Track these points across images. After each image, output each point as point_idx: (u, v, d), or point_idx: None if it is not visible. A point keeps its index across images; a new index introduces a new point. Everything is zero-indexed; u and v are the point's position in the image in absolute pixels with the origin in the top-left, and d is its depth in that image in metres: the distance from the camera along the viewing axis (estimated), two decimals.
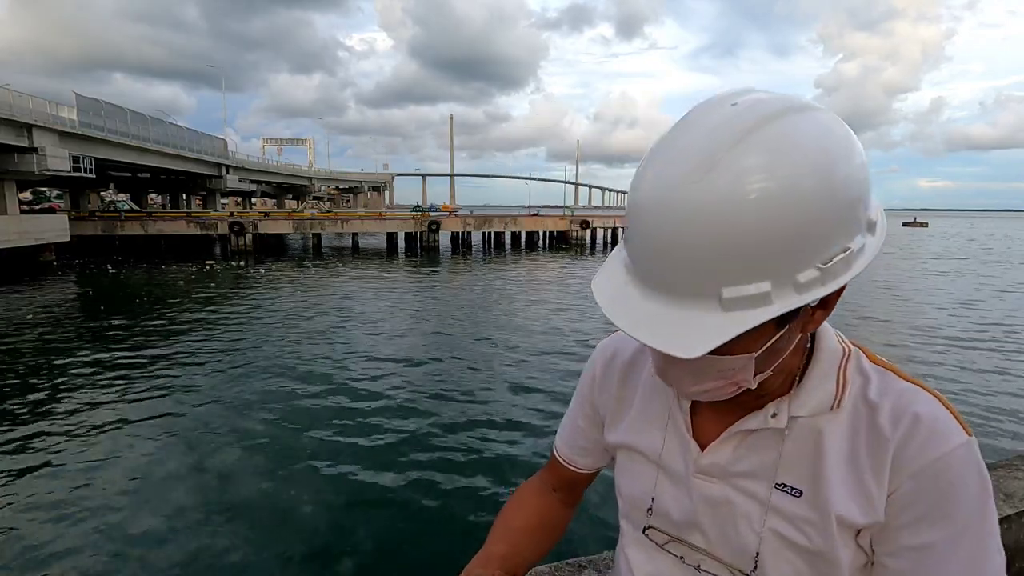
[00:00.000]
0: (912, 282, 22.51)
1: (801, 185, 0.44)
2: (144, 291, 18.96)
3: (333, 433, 7.09)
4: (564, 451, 0.83)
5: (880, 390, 0.56)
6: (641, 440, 0.70)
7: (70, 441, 6.87)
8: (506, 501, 0.86)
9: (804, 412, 0.57)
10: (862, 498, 0.54)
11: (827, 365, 0.58)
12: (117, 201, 42.71)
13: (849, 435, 0.56)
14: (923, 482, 0.51)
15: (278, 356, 10.70)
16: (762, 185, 0.43)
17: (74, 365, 10.13)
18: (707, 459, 0.62)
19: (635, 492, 0.69)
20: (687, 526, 0.64)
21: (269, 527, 5.10)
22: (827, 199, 0.45)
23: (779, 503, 0.57)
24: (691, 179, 0.45)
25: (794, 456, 0.57)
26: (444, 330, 13.27)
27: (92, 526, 5.09)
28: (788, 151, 0.44)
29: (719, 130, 0.45)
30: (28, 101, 22.83)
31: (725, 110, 0.47)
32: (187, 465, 6.26)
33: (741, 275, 0.45)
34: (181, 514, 5.27)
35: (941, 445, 0.51)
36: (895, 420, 0.53)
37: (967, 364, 10.38)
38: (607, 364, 0.76)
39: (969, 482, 0.51)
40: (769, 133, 0.45)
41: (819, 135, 0.46)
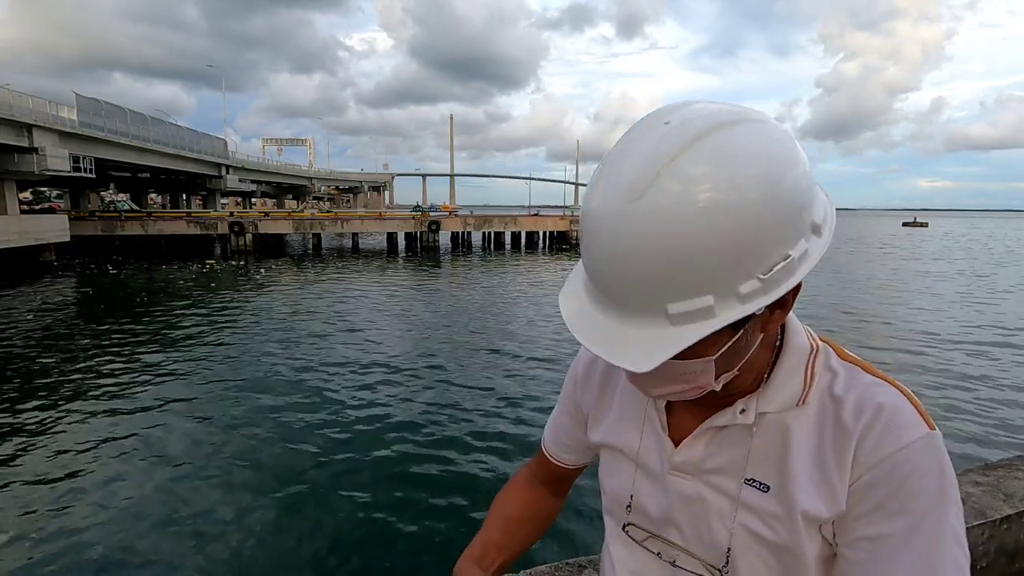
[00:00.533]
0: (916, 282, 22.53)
1: (736, 199, 0.44)
2: (144, 291, 18.96)
3: (333, 432, 7.09)
4: (551, 447, 0.85)
5: (846, 385, 0.57)
6: (620, 439, 0.71)
7: (69, 441, 6.88)
8: (499, 490, 0.89)
9: (772, 408, 0.58)
10: (826, 492, 0.54)
11: (795, 361, 0.59)
12: (117, 201, 42.70)
13: (815, 430, 0.56)
14: (881, 473, 0.52)
15: (278, 356, 10.70)
16: (695, 202, 0.44)
17: (74, 365, 10.13)
18: (680, 456, 0.63)
19: (615, 490, 0.71)
20: (664, 523, 0.66)
21: (269, 526, 5.11)
22: (765, 210, 0.45)
23: (748, 498, 0.58)
24: (628, 201, 0.45)
25: (762, 451, 0.58)
26: (444, 330, 13.27)
27: (91, 527, 5.10)
28: (721, 166, 0.44)
29: (652, 150, 0.46)
30: (28, 101, 22.82)
31: (658, 130, 0.47)
32: (186, 465, 6.26)
33: (683, 291, 0.46)
34: (180, 514, 5.28)
35: (901, 437, 0.52)
36: (858, 413, 0.54)
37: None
38: (589, 365, 0.79)
39: (928, 475, 0.51)
40: (701, 150, 0.45)
41: (755, 146, 0.46)
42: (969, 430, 7.26)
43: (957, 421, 7.52)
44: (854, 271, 26.20)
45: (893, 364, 10.25)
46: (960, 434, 7.11)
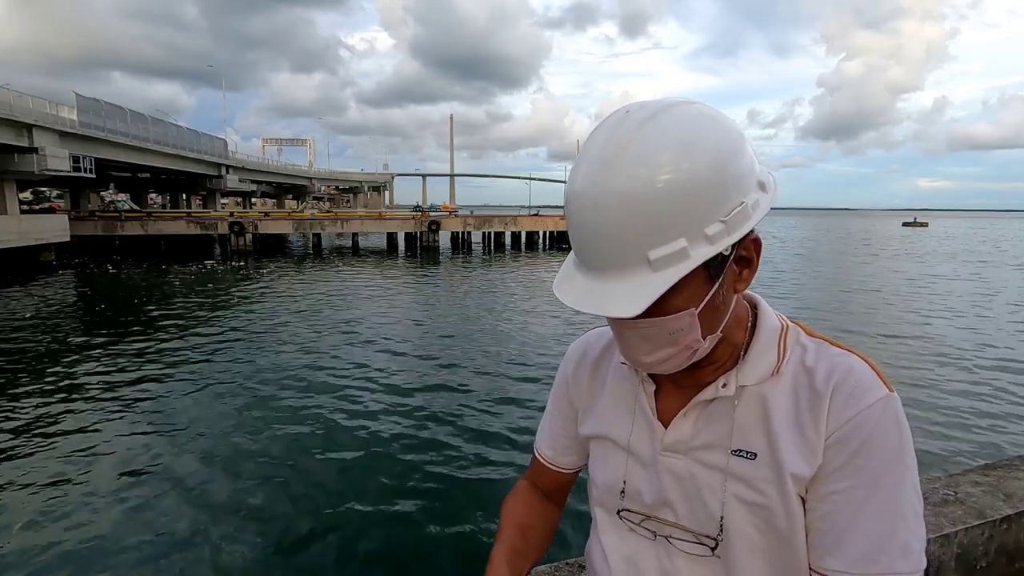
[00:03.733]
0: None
1: (691, 157, 0.53)
2: (144, 291, 18.96)
3: (332, 432, 7.09)
4: (547, 453, 0.86)
5: (815, 356, 0.63)
6: (611, 428, 0.75)
7: (68, 441, 6.88)
8: (506, 498, 0.89)
9: (750, 381, 0.64)
10: (807, 451, 0.60)
11: (767, 338, 0.66)
12: (117, 201, 42.71)
13: (791, 397, 0.62)
14: (849, 430, 0.58)
15: (277, 356, 10.70)
16: (659, 163, 0.53)
17: (73, 365, 10.12)
18: (670, 436, 0.68)
19: (607, 478, 0.74)
20: (658, 505, 0.69)
21: (266, 525, 5.11)
22: (714, 166, 0.54)
23: (736, 468, 0.63)
24: (604, 171, 0.55)
25: (745, 423, 0.64)
26: (445, 330, 13.27)
27: (87, 526, 5.10)
28: (673, 135, 0.54)
29: (618, 131, 0.56)
30: (28, 101, 22.83)
31: (621, 117, 0.57)
32: (184, 465, 6.27)
33: (660, 237, 0.54)
34: (178, 515, 5.28)
35: (864, 399, 0.58)
36: (828, 377, 0.61)
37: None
38: (578, 363, 0.83)
39: (888, 433, 0.57)
40: (657, 124, 0.55)
41: (703, 119, 0.56)
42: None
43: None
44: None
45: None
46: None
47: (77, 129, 25.71)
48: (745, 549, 0.63)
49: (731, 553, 0.63)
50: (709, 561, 0.65)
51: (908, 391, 8.67)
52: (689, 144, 0.54)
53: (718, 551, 0.64)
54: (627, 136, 0.55)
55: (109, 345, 11.55)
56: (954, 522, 1.49)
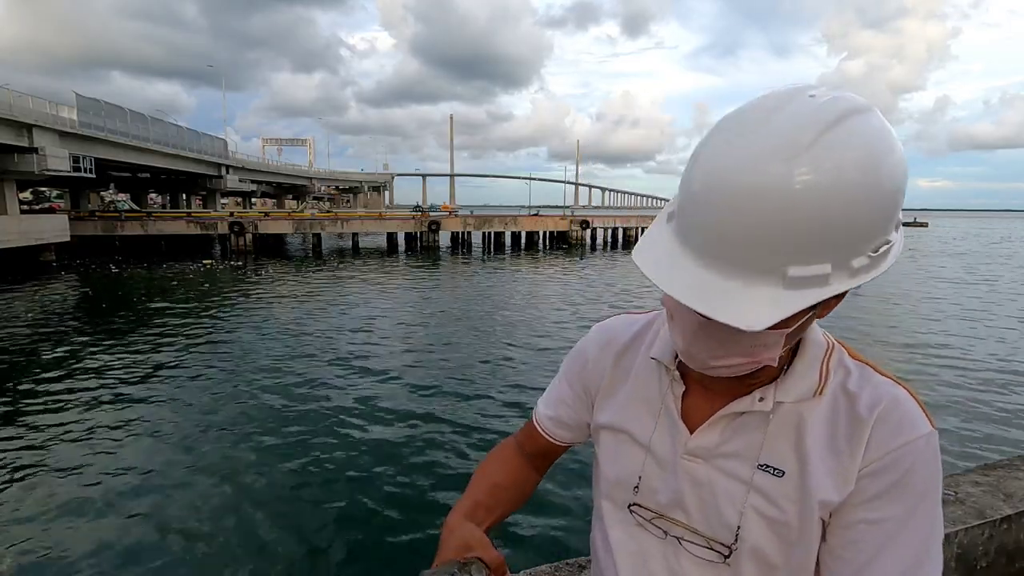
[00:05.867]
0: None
1: (873, 178, 0.48)
2: (144, 291, 18.96)
3: (332, 432, 7.09)
4: (545, 422, 0.85)
5: (859, 382, 0.62)
6: (630, 422, 0.73)
7: (66, 441, 6.88)
8: (488, 455, 0.88)
9: (788, 398, 0.62)
10: (839, 477, 0.58)
11: (812, 357, 0.64)
12: (117, 201, 42.68)
13: (829, 421, 0.61)
14: (889, 462, 0.57)
15: (278, 356, 10.68)
16: (844, 173, 0.47)
17: (72, 365, 10.12)
18: (695, 441, 0.66)
19: (620, 473, 0.72)
20: (671, 505, 0.68)
21: (268, 524, 5.11)
22: (884, 194, 0.49)
23: (761, 483, 0.62)
24: (775, 162, 0.47)
25: (777, 439, 0.62)
26: (445, 330, 13.25)
27: (87, 526, 5.10)
28: (867, 146, 0.48)
29: (800, 119, 0.48)
30: (28, 101, 22.84)
31: (804, 100, 0.50)
32: (182, 466, 6.26)
33: (808, 256, 0.48)
34: (179, 514, 5.27)
35: (909, 432, 0.57)
36: (872, 405, 0.59)
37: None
38: (602, 347, 0.79)
39: (928, 469, 0.57)
40: (846, 128, 0.48)
41: (886, 134, 0.50)
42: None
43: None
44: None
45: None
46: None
47: (77, 129, 25.71)
48: (757, 561, 0.62)
49: (742, 563, 0.63)
50: (718, 568, 0.64)
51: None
52: (877, 159, 0.48)
53: (730, 560, 0.63)
54: (818, 126, 0.48)
55: (108, 345, 11.53)
56: (954, 522, 1.49)
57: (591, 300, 17.66)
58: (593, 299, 17.85)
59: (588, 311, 15.72)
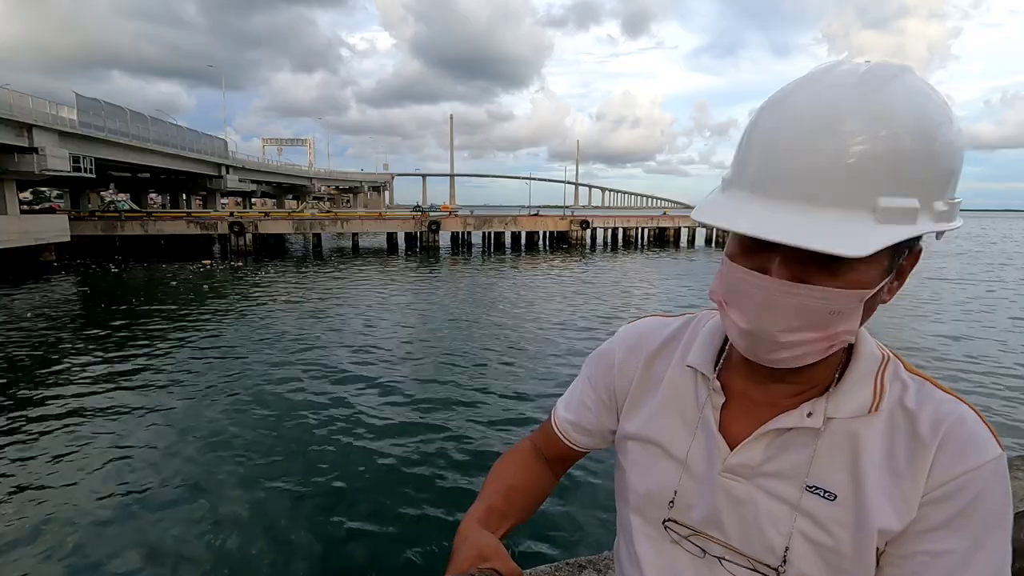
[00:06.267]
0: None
1: (949, 121, 0.48)
2: (143, 291, 18.95)
3: (330, 433, 7.09)
4: (565, 427, 0.80)
5: (918, 398, 0.56)
6: (663, 434, 0.68)
7: (64, 442, 6.88)
8: (504, 455, 0.84)
9: (841, 414, 0.57)
10: (901, 504, 0.53)
11: (865, 368, 0.58)
12: (117, 201, 42.65)
13: (886, 440, 0.55)
14: (953, 489, 0.52)
15: (277, 356, 10.68)
16: (925, 107, 0.46)
17: (71, 365, 10.12)
18: (736, 458, 0.61)
19: (651, 487, 0.68)
20: (707, 523, 0.63)
21: (269, 523, 5.10)
22: (954, 141, 0.48)
23: (810, 506, 0.56)
24: (862, 88, 0.46)
25: (828, 459, 0.57)
26: (445, 331, 13.26)
27: (84, 526, 5.09)
28: (930, 94, 0.48)
29: (872, 68, 0.48)
30: (28, 101, 22.82)
31: (855, 66, 0.50)
32: (181, 467, 6.26)
33: (897, 187, 0.46)
34: (178, 514, 5.27)
35: (977, 456, 0.52)
36: (935, 427, 0.54)
37: None
38: (631, 350, 0.74)
39: (996, 497, 0.52)
40: (910, 80, 0.48)
41: (940, 97, 0.49)
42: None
43: None
44: None
45: None
46: None
47: (77, 129, 25.70)
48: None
49: None
50: None
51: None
52: (945, 107, 0.48)
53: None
54: (885, 74, 0.47)
55: (108, 345, 11.53)
56: None
57: (592, 300, 17.65)
58: (594, 300, 17.84)
59: (589, 311, 15.71)
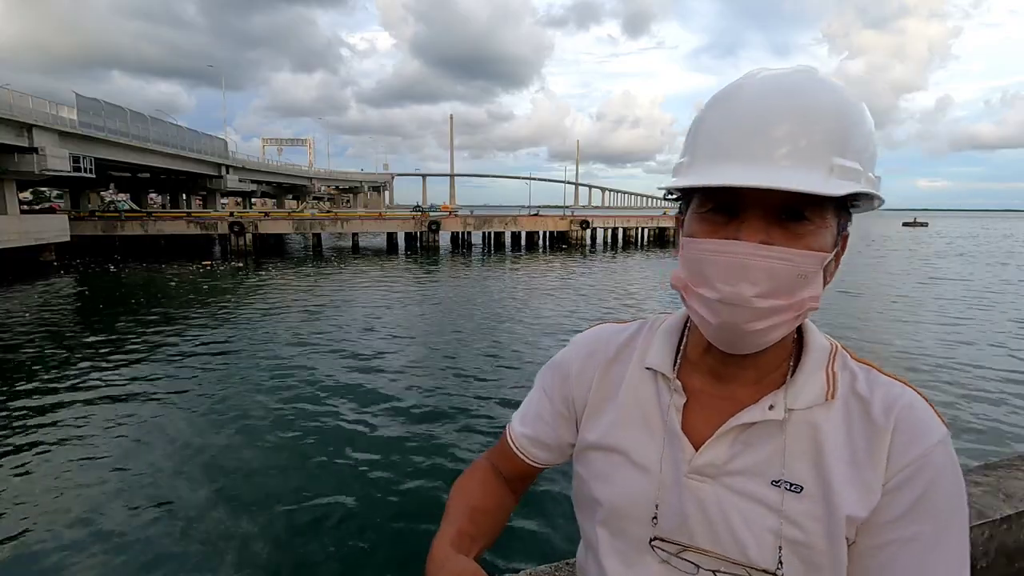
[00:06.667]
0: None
1: (861, 106, 0.55)
2: (143, 291, 18.96)
3: (331, 431, 7.10)
4: (522, 442, 0.77)
5: (868, 385, 0.59)
6: (627, 442, 0.66)
7: (65, 442, 6.88)
8: (459, 478, 0.80)
9: (799, 405, 0.58)
10: (864, 490, 0.55)
11: (817, 358, 0.61)
12: (117, 201, 42.68)
13: (844, 428, 0.57)
14: (911, 474, 0.54)
15: (277, 356, 10.69)
16: (853, 95, 0.54)
17: (70, 365, 10.13)
18: (702, 458, 0.61)
19: (618, 499, 0.66)
20: (680, 531, 0.62)
21: (268, 523, 5.11)
22: (871, 124, 0.55)
23: (779, 501, 0.57)
24: (807, 73, 0.54)
25: (793, 451, 0.58)
26: (444, 330, 13.27)
27: (83, 526, 5.10)
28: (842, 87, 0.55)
29: (799, 67, 0.56)
30: (28, 101, 22.85)
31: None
32: (181, 467, 6.27)
33: (846, 150, 0.52)
34: (177, 515, 5.28)
35: (927, 438, 0.54)
36: (887, 412, 0.56)
37: None
38: (587, 358, 0.73)
39: (950, 475, 0.54)
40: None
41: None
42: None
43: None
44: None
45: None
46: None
47: (77, 129, 25.73)
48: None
49: None
50: None
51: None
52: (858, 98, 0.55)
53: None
54: (807, 71, 0.55)
55: (107, 345, 11.54)
56: None
57: (592, 300, 17.67)
58: (595, 300, 17.85)
59: (589, 312, 15.72)
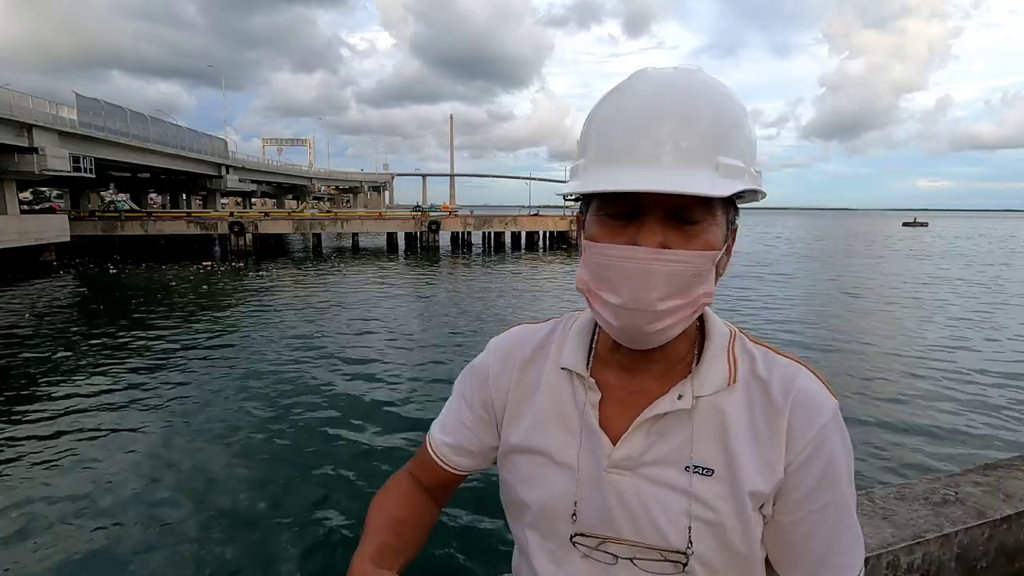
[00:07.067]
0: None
1: (740, 103, 0.57)
2: (143, 292, 18.95)
3: (328, 435, 7.10)
4: (443, 450, 0.77)
5: (766, 366, 0.62)
6: (548, 442, 0.67)
7: (60, 441, 6.88)
8: (381, 490, 0.78)
9: (705, 391, 0.61)
10: (767, 468, 0.59)
11: (718, 345, 0.64)
12: (117, 201, 42.67)
13: (746, 409, 0.61)
14: (812, 451, 0.58)
15: (277, 356, 10.69)
16: (731, 91, 0.57)
17: (70, 366, 10.13)
18: (620, 452, 0.62)
19: (544, 500, 0.66)
20: (605, 525, 0.63)
21: (268, 523, 5.11)
22: (749, 123, 0.58)
23: (692, 485, 0.60)
24: (689, 73, 0.56)
25: (702, 437, 0.61)
26: (444, 331, 13.28)
27: (81, 526, 5.10)
28: (723, 84, 0.58)
29: (681, 66, 0.58)
30: (28, 101, 22.85)
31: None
32: (183, 463, 6.27)
33: (729, 149, 0.54)
34: (176, 515, 5.28)
35: (822, 414, 0.59)
36: (785, 391, 0.60)
37: None
38: (503, 361, 0.74)
39: (843, 442, 0.60)
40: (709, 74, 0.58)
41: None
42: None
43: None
44: None
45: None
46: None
47: (77, 129, 25.73)
48: (703, 568, 0.60)
49: (691, 573, 0.60)
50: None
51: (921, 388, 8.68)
52: (737, 95, 0.57)
53: (688, 568, 0.59)
54: (695, 69, 0.57)
55: (107, 345, 11.54)
56: (954, 522, 1.49)
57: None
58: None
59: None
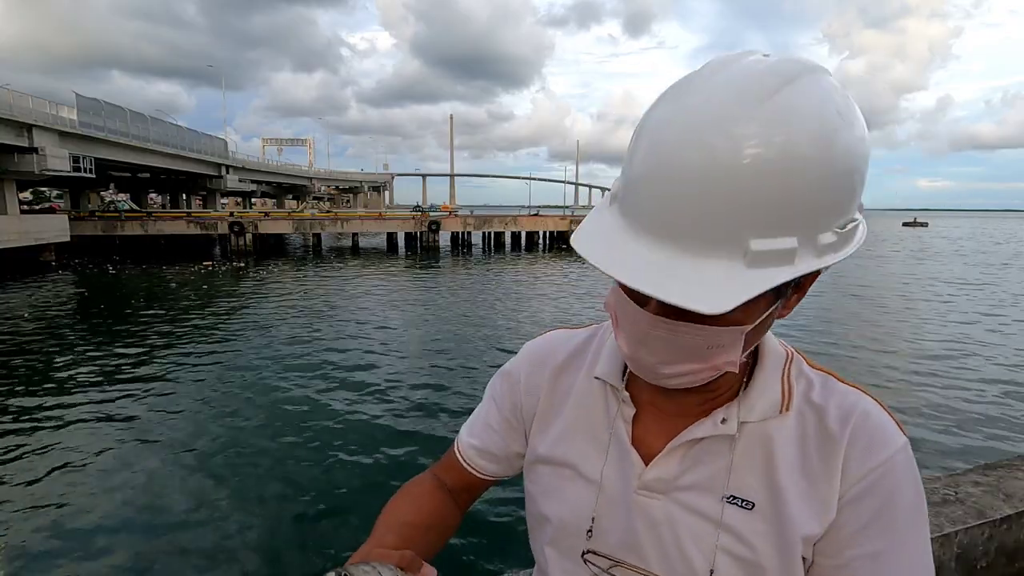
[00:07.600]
0: None
1: (832, 144, 0.43)
2: (143, 292, 18.95)
3: (329, 431, 7.09)
4: (470, 454, 0.74)
5: (823, 393, 0.56)
6: (573, 454, 0.64)
7: (64, 441, 6.88)
8: (400, 490, 0.74)
9: (753, 417, 0.56)
10: (819, 506, 0.52)
11: (772, 368, 0.57)
12: (117, 201, 42.65)
13: (798, 439, 0.55)
14: (868, 486, 0.51)
15: (277, 356, 10.68)
16: (799, 137, 0.42)
17: (70, 366, 10.12)
18: (652, 473, 0.58)
19: (566, 514, 0.63)
20: (627, 549, 0.59)
21: (267, 523, 5.11)
22: (853, 161, 0.44)
23: (729, 517, 0.54)
24: (730, 120, 0.42)
25: (744, 466, 0.55)
26: (444, 331, 13.26)
27: (80, 526, 5.09)
28: (821, 107, 0.43)
29: (749, 82, 0.43)
30: (28, 101, 22.83)
31: (748, 62, 0.45)
32: (183, 464, 6.26)
33: (771, 227, 0.42)
34: (176, 516, 5.27)
35: (886, 448, 0.52)
36: (842, 421, 0.53)
37: None
38: (536, 366, 0.71)
39: (910, 485, 0.52)
40: (802, 88, 0.43)
41: (844, 100, 0.45)
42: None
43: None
44: None
45: None
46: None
47: (77, 129, 25.71)
48: None
49: None
50: None
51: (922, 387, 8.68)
52: (835, 126, 0.43)
53: None
54: (765, 89, 0.42)
55: (107, 346, 11.53)
56: (954, 522, 1.49)
57: (593, 301, 17.66)
58: (597, 301, 17.83)
59: (589, 312, 15.71)
